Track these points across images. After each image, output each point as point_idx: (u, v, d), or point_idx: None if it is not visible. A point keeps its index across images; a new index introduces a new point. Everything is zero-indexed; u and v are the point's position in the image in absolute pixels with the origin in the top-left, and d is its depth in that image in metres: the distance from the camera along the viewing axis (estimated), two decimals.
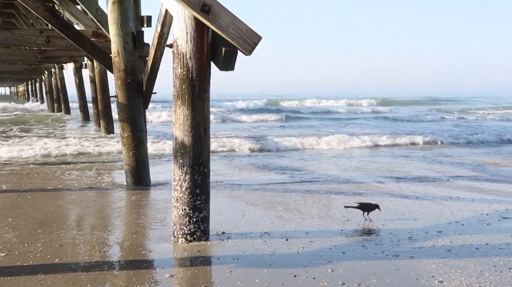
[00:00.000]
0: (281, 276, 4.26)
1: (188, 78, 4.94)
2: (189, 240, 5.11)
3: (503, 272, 4.34)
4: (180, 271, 4.50)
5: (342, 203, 7.15)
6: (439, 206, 6.99)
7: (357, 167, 11.01)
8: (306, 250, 4.96)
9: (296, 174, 9.93)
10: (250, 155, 13.02)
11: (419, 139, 16.58)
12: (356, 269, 4.42)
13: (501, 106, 47.54)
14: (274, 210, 6.73)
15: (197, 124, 5.01)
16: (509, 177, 9.69)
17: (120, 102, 8.21)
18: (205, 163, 5.11)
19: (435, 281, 4.15)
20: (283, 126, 24.20)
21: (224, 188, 8.32)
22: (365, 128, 22.18)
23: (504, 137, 17.93)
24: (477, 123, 26.67)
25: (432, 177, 9.57)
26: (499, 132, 19.06)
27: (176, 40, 4.97)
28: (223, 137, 16.33)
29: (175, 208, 5.14)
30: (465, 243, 5.20)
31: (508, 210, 6.73)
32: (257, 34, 4.62)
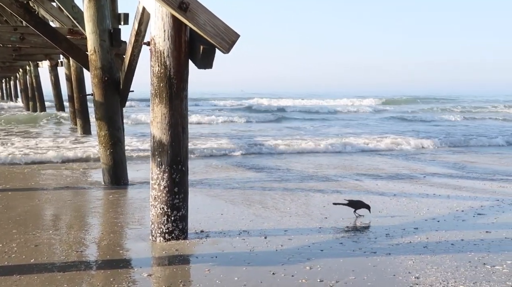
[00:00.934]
0: (260, 274, 4.27)
1: (166, 77, 4.91)
2: (167, 238, 5.09)
3: (477, 268, 4.41)
4: (158, 270, 4.47)
5: (320, 201, 7.21)
6: (415, 203, 7.07)
7: (337, 165, 11.07)
8: (284, 248, 4.98)
9: (275, 172, 9.94)
10: (232, 155, 13.00)
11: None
12: (334, 266, 4.46)
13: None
14: (252, 208, 6.74)
15: (175, 122, 4.99)
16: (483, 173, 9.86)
17: (97, 100, 8.12)
18: (183, 161, 5.09)
19: (411, 277, 4.20)
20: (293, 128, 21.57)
21: (203, 186, 8.30)
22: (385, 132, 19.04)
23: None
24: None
25: (408, 175, 9.68)
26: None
27: (154, 38, 4.94)
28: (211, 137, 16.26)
29: (153, 206, 5.11)
30: (441, 239, 5.28)
31: (483, 207, 6.85)
32: (235, 32, 4.62)
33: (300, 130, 20.34)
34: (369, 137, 16.14)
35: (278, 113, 30.23)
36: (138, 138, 15.15)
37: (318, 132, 19.35)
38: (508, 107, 39.16)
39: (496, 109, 38.57)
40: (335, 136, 17.00)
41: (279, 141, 14.65)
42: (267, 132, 19.32)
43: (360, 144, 14.54)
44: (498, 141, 15.84)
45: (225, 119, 25.63)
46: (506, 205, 6.97)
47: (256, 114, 28.75)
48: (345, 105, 41.02)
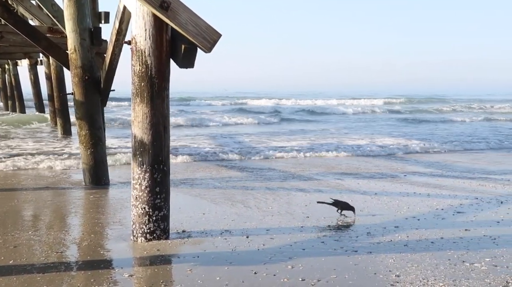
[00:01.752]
0: (242, 273, 4.27)
1: (147, 76, 4.88)
2: (149, 239, 5.06)
3: (457, 265, 4.47)
4: (139, 271, 4.45)
5: (302, 200, 7.23)
6: (396, 201, 7.14)
7: (319, 165, 11.11)
8: (266, 247, 4.99)
9: (257, 171, 9.95)
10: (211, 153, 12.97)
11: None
12: (315, 265, 4.48)
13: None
14: (235, 207, 6.74)
15: (157, 122, 4.96)
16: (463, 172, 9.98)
17: (77, 99, 8.05)
18: (165, 161, 5.07)
19: (392, 275, 4.24)
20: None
21: (185, 186, 8.28)
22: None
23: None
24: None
25: (389, 174, 9.76)
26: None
27: (135, 37, 4.91)
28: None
29: (134, 207, 5.08)
30: (421, 238, 5.34)
31: (462, 205, 6.94)
32: (216, 32, 4.61)
33: (328, 133, 18.99)
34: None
35: (289, 115, 28.80)
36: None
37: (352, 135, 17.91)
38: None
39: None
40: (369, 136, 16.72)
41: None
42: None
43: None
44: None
45: (237, 121, 24.33)
46: (484, 203, 7.07)
47: (260, 116, 27.25)
48: (350, 105, 39.15)
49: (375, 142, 15.11)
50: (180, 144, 14.15)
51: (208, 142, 14.92)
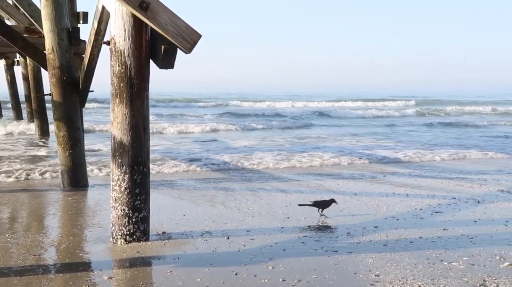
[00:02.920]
0: (222, 274, 4.26)
1: (127, 76, 4.85)
2: (129, 240, 5.02)
3: (435, 264, 4.52)
4: (119, 273, 4.41)
5: (283, 200, 7.25)
6: (375, 202, 7.20)
7: (299, 165, 11.15)
8: (247, 248, 4.99)
9: (238, 172, 9.94)
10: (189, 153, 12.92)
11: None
12: (296, 265, 4.49)
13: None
14: (215, 208, 6.72)
15: (136, 123, 4.93)
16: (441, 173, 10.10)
17: (55, 100, 7.95)
18: (145, 162, 5.04)
19: (372, 275, 4.27)
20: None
21: (165, 187, 8.23)
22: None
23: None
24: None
25: (369, 174, 9.83)
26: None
27: (114, 37, 4.87)
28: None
29: (114, 208, 5.03)
30: (400, 237, 5.39)
31: (440, 205, 7.03)
32: (196, 32, 4.59)
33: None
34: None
35: (299, 119, 26.93)
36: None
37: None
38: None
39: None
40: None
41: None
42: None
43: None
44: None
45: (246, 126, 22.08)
46: (462, 203, 7.17)
47: (268, 120, 25.53)
48: (365, 108, 37.80)
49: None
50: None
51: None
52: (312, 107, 40.96)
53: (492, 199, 7.43)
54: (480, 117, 31.22)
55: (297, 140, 16.70)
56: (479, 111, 38.16)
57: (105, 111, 27.96)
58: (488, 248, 5.01)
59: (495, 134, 19.52)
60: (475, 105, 43.23)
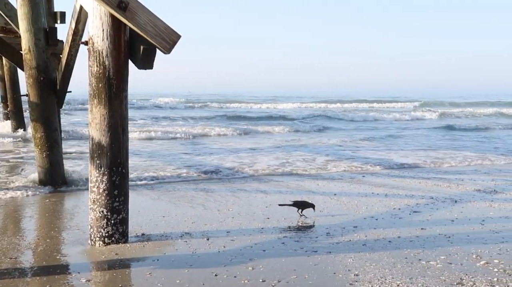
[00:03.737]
0: (202, 275, 4.25)
1: (105, 77, 4.81)
2: (107, 243, 4.98)
3: (413, 263, 4.57)
4: (97, 275, 4.36)
5: (262, 201, 7.25)
6: (355, 202, 7.25)
7: (280, 165, 11.16)
8: (227, 249, 4.98)
9: (219, 173, 9.92)
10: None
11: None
12: (276, 265, 4.50)
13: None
14: (195, 209, 6.70)
15: (115, 124, 4.89)
16: (418, 173, 10.22)
17: (32, 101, 7.84)
18: (124, 163, 4.99)
19: (351, 274, 4.29)
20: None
21: (144, 188, 8.17)
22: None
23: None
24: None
25: (348, 175, 9.90)
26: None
27: (92, 37, 4.82)
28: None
29: (92, 210, 4.98)
30: (379, 237, 5.43)
31: (418, 204, 7.11)
32: (176, 32, 4.58)
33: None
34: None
35: (308, 122, 25.51)
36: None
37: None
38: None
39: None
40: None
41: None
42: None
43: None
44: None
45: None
46: (439, 202, 7.26)
47: (279, 123, 24.31)
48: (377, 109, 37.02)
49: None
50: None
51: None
52: (313, 108, 39.69)
53: (469, 199, 7.54)
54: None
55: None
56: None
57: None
58: (465, 247, 5.08)
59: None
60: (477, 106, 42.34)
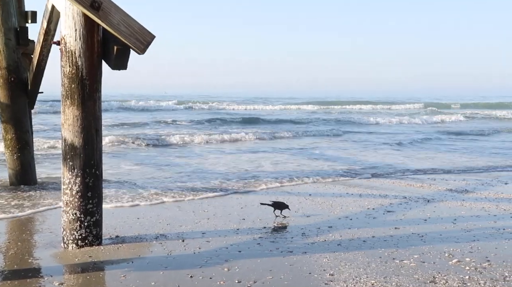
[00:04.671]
0: (178, 277, 4.22)
1: (78, 77, 4.74)
2: (81, 245, 4.91)
3: (387, 263, 4.62)
4: (70, 278, 4.29)
5: (237, 202, 7.25)
6: (330, 202, 7.29)
7: (258, 165, 11.17)
8: (202, 250, 4.96)
9: (192, 174, 9.87)
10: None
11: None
12: (252, 266, 4.49)
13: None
14: (170, 211, 6.65)
15: (88, 125, 4.82)
16: (392, 173, 10.33)
17: (3, 102, 7.70)
18: (97, 164, 4.93)
19: (326, 274, 4.32)
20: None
21: (118, 189, 8.08)
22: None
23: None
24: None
25: (324, 174, 9.95)
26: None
27: (64, 37, 4.75)
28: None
29: (65, 212, 4.91)
30: (353, 237, 5.48)
31: (392, 204, 7.19)
32: (150, 33, 4.54)
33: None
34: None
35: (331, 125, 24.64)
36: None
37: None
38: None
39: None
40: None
41: None
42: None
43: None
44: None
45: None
46: (412, 202, 7.36)
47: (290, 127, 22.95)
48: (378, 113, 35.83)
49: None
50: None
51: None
52: (307, 111, 38.96)
53: (441, 198, 7.66)
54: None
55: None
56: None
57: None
58: (438, 245, 5.16)
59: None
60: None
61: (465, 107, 47.50)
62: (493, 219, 6.32)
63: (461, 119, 32.15)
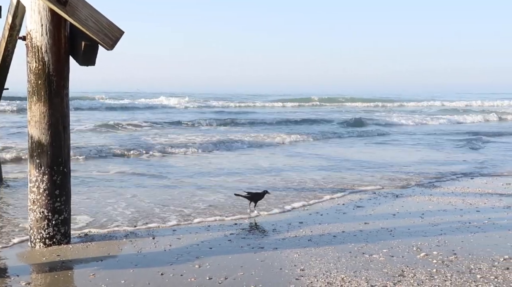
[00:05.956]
0: (148, 275, 4.19)
1: (45, 73, 4.66)
2: (48, 244, 4.82)
3: (357, 257, 4.68)
4: (38, 278, 4.22)
5: (209, 198, 7.22)
6: None
7: (229, 161, 11.16)
8: (173, 247, 4.94)
9: (163, 171, 9.80)
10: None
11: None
12: (223, 263, 4.49)
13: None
14: (140, 208, 6.59)
15: (55, 121, 4.74)
16: (366, 167, 10.45)
17: None
18: (65, 162, 4.85)
19: (297, 269, 4.35)
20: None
21: (88, 187, 7.96)
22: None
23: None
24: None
25: (293, 169, 9.99)
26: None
27: (30, 32, 4.66)
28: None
29: (32, 211, 4.82)
30: (324, 232, 5.53)
31: (361, 199, 7.28)
32: (119, 29, 4.49)
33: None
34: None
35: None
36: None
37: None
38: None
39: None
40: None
41: None
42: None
43: None
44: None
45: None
46: (381, 197, 7.46)
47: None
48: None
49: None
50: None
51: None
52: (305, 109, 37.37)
53: (409, 193, 7.79)
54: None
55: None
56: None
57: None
58: (406, 239, 5.25)
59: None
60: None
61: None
62: (460, 213, 6.46)
63: (494, 119, 29.54)
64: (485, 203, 7.10)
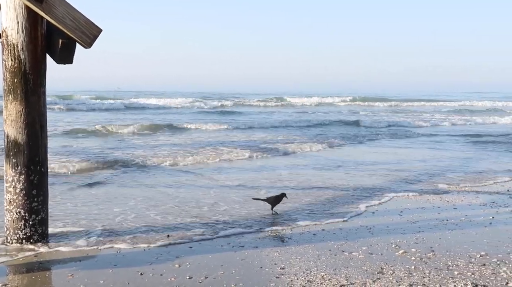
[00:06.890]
0: (127, 275, 4.16)
1: (21, 72, 4.59)
2: (25, 245, 4.75)
3: (337, 255, 4.71)
4: (15, 279, 4.15)
5: (190, 197, 7.19)
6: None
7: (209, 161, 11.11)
8: (153, 247, 4.91)
9: (146, 167, 9.73)
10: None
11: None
12: (203, 262, 4.48)
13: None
14: (120, 207, 6.53)
15: (32, 121, 4.68)
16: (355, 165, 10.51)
17: None
18: (43, 161, 4.79)
19: (277, 268, 4.36)
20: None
21: (66, 186, 7.87)
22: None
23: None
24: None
25: (271, 167, 10.02)
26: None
27: (6, 30, 4.58)
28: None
29: (8, 211, 4.75)
30: (304, 231, 5.55)
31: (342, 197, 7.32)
32: (96, 26, 4.45)
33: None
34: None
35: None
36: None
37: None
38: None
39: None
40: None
41: None
42: None
43: None
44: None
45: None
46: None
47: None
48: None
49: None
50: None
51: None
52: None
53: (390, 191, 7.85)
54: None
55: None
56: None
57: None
58: (385, 237, 5.30)
59: None
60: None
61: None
62: (437, 211, 6.54)
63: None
64: (462, 200, 7.20)
